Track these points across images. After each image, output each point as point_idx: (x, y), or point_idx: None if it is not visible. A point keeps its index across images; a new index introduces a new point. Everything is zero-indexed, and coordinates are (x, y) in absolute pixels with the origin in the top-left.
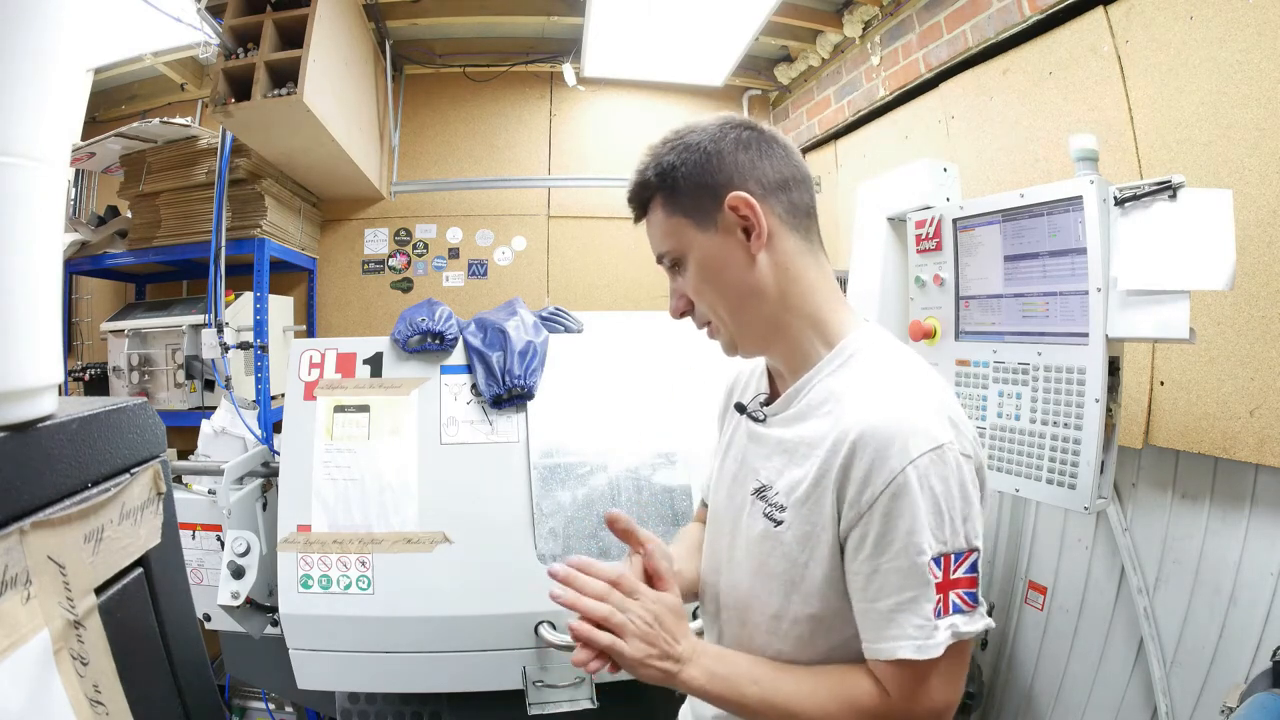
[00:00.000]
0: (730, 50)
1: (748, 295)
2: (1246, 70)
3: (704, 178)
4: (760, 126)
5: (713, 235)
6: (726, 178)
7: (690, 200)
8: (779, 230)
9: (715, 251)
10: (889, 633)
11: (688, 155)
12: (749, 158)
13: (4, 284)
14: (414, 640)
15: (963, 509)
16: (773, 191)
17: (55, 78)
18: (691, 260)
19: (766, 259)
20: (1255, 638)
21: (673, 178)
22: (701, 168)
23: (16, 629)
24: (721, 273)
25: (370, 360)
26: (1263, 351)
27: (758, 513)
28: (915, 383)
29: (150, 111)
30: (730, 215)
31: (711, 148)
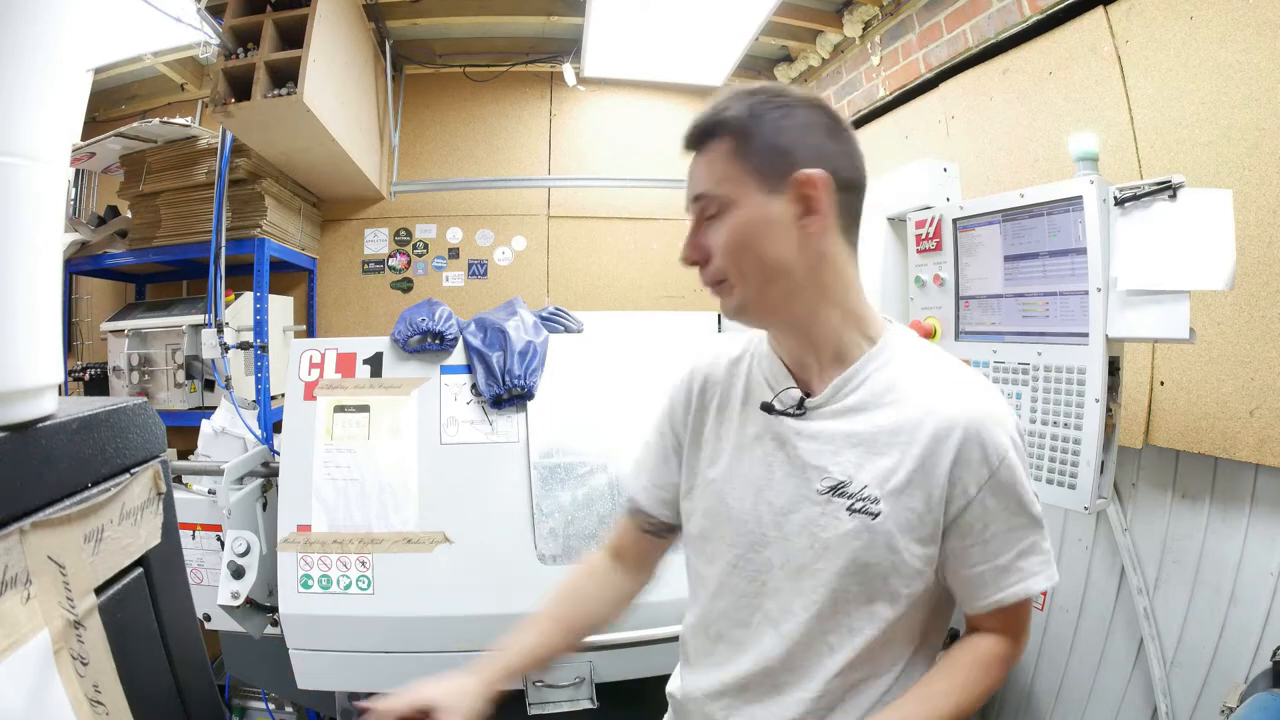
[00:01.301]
0: (730, 50)
1: (783, 271)
2: (1246, 70)
3: (790, 141)
4: (840, 119)
5: (771, 200)
6: (811, 153)
7: (764, 157)
8: (833, 224)
9: (766, 215)
10: (1014, 578)
11: (785, 114)
12: (838, 148)
13: (4, 284)
14: (414, 640)
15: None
16: (842, 188)
17: (55, 78)
18: (737, 215)
19: (812, 244)
20: (1255, 638)
21: (758, 127)
22: (791, 132)
23: (16, 629)
24: (764, 239)
25: (370, 360)
26: (1263, 351)
27: (840, 510)
28: (969, 372)
29: (150, 111)
30: (797, 189)
31: (810, 119)
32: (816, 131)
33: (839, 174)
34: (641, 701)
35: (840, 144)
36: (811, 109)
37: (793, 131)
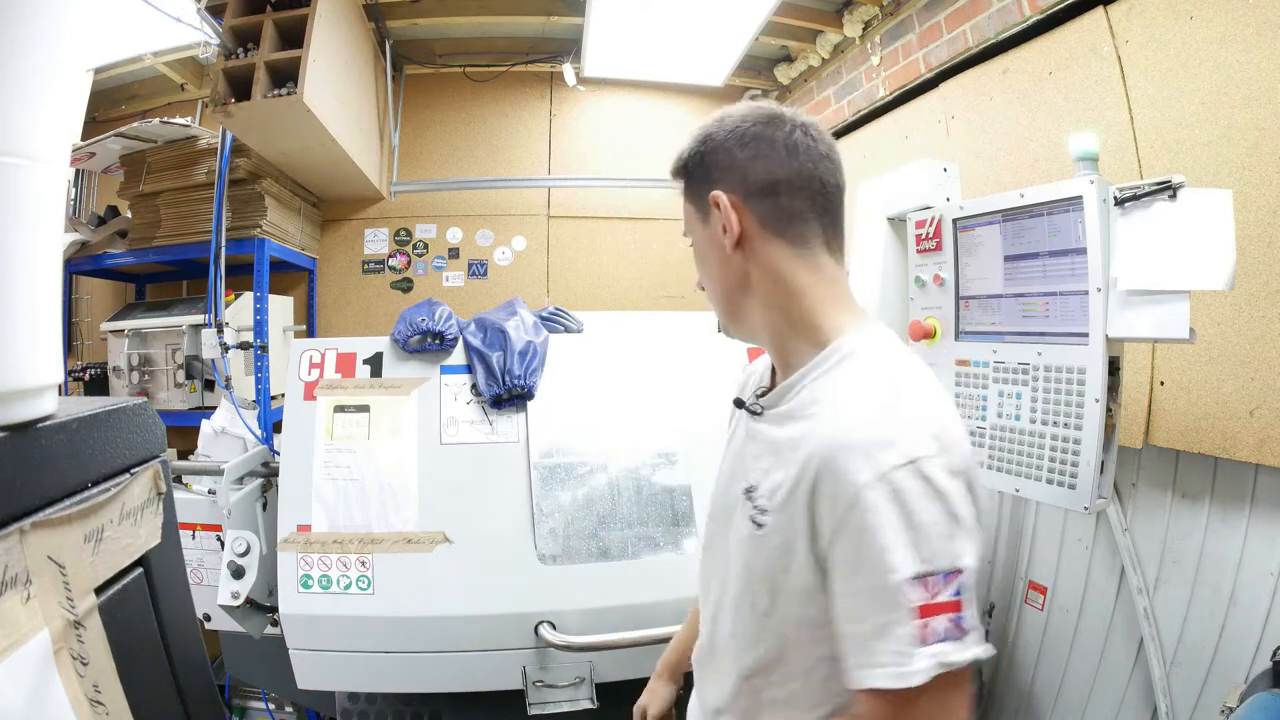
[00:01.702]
0: (730, 50)
1: (732, 287)
2: (1246, 70)
3: (705, 170)
4: (772, 120)
5: (706, 227)
6: (719, 173)
7: (694, 190)
8: (757, 233)
9: (706, 241)
10: (864, 659)
11: (699, 146)
12: (745, 156)
13: (4, 284)
14: (414, 640)
15: (946, 526)
16: (756, 194)
17: (55, 78)
18: (694, 243)
19: (742, 258)
20: (1255, 638)
21: (688, 167)
22: (704, 160)
23: (16, 629)
24: (708, 261)
25: (370, 360)
26: (1263, 351)
27: (744, 513)
28: (903, 391)
29: (150, 111)
30: (714, 210)
31: (716, 141)
32: (724, 149)
33: (750, 181)
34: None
35: (750, 150)
36: (726, 127)
37: (705, 157)
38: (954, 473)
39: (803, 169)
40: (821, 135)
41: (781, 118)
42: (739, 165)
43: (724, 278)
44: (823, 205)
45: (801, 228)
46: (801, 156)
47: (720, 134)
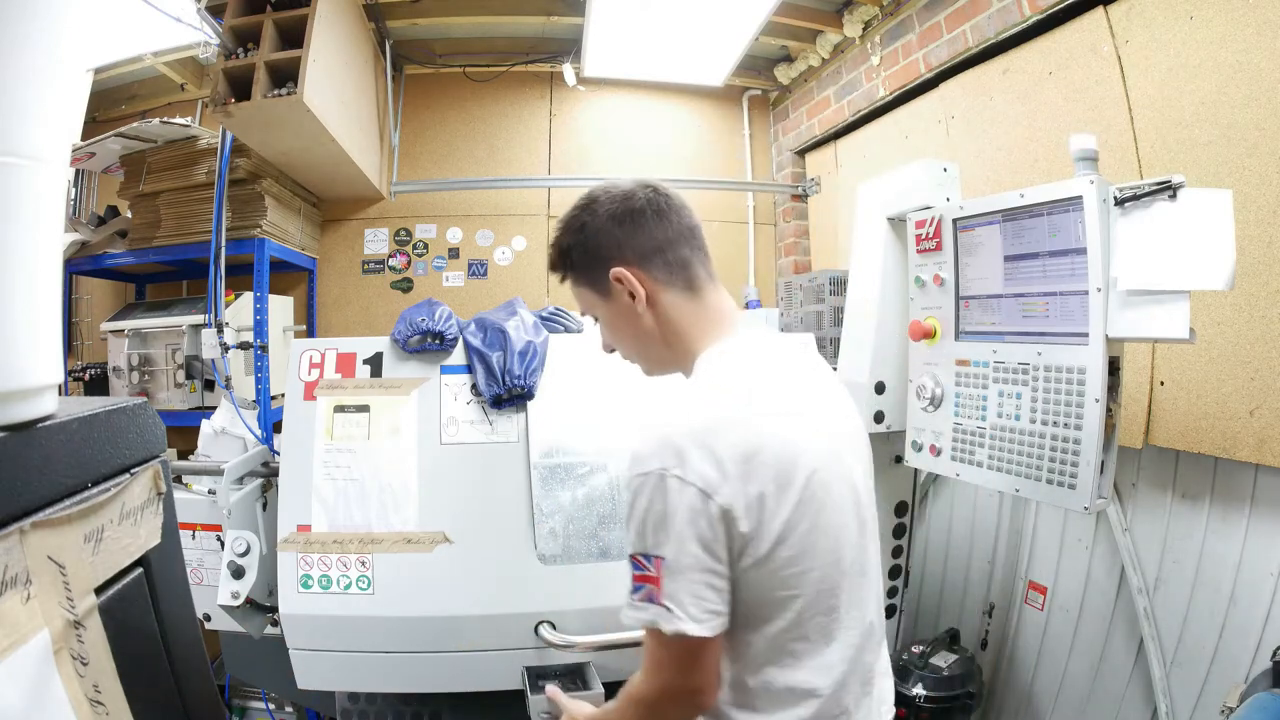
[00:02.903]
0: (730, 50)
1: (645, 340)
2: (1246, 70)
3: (592, 255)
4: (630, 197)
5: (610, 301)
6: (608, 252)
7: (587, 275)
8: (658, 289)
9: (614, 312)
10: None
11: (577, 238)
12: (625, 232)
13: (4, 284)
14: (414, 640)
15: (655, 523)
16: (649, 256)
17: (56, 78)
18: (601, 318)
19: (650, 314)
20: (1255, 638)
21: (570, 259)
22: (587, 247)
23: (16, 629)
24: (621, 328)
25: (370, 360)
26: (1263, 351)
27: None
28: (685, 407)
29: (150, 111)
30: (617, 285)
31: (592, 227)
32: (604, 231)
33: (641, 249)
34: None
35: (627, 225)
36: (595, 213)
37: (588, 245)
38: (684, 482)
39: (673, 224)
40: (668, 192)
41: (634, 193)
42: (625, 241)
43: (639, 335)
44: (696, 246)
45: (688, 274)
46: (668, 216)
47: (595, 223)
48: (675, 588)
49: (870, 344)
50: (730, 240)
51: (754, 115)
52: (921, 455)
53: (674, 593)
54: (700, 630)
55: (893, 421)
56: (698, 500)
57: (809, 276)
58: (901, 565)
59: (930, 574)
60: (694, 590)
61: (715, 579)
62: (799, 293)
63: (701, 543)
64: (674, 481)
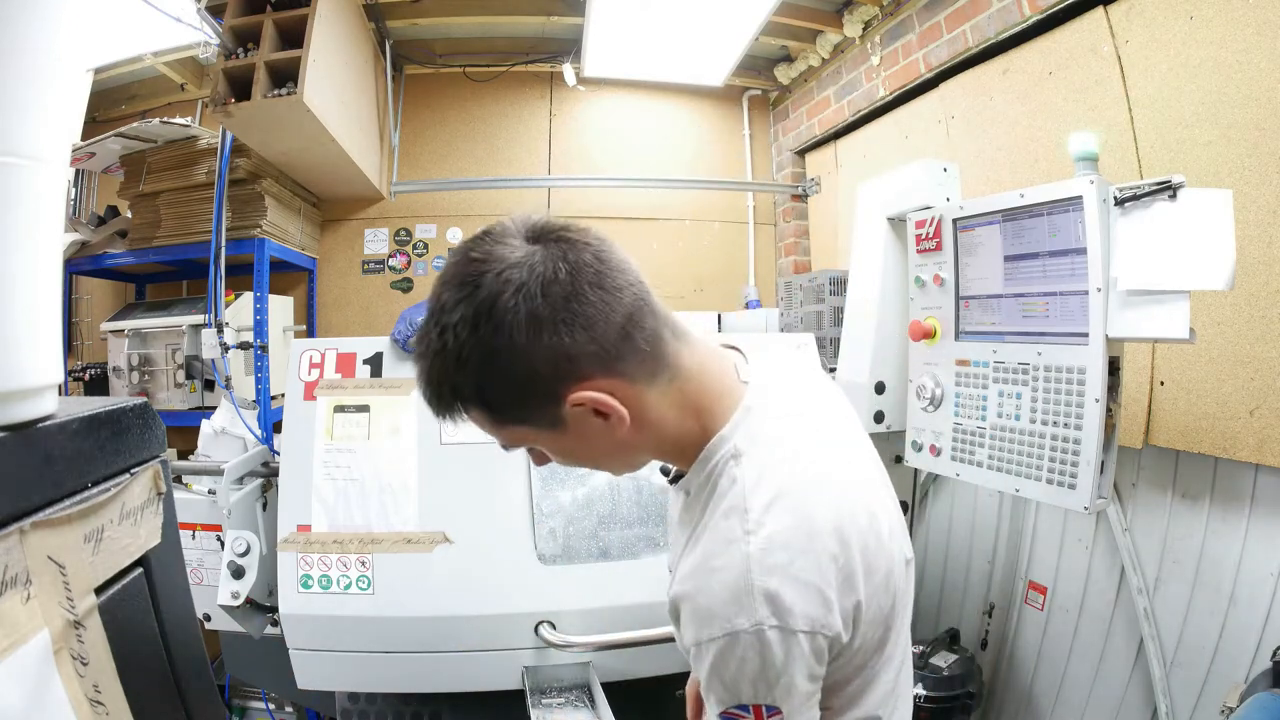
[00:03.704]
0: (730, 50)
1: (617, 452)
2: (1246, 70)
3: (521, 385)
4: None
5: (563, 432)
6: (550, 370)
7: (517, 412)
8: (640, 394)
9: (572, 442)
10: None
11: (485, 369)
12: (568, 329)
13: (4, 284)
14: (414, 640)
15: (756, 677)
16: (616, 353)
17: (56, 78)
18: (545, 446)
19: (621, 429)
20: (1255, 638)
21: (482, 398)
22: (510, 375)
23: (16, 629)
24: (584, 450)
25: (370, 360)
26: (1263, 351)
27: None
28: (749, 535)
29: (150, 111)
30: (576, 410)
31: (509, 346)
32: (535, 345)
33: (604, 348)
34: (642, 702)
35: (570, 318)
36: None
37: (512, 369)
38: (786, 631)
39: (623, 290)
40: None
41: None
42: (572, 347)
43: (612, 452)
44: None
45: (661, 349)
46: (610, 278)
47: (512, 337)
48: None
49: (870, 344)
50: (730, 240)
51: (754, 115)
52: (921, 455)
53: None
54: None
55: (893, 421)
56: (806, 644)
57: (809, 276)
58: None
59: (930, 574)
60: (808, 717)
61: (817, 696)
62: (799, 293)
63: (811, 678)
64: (775, 634)
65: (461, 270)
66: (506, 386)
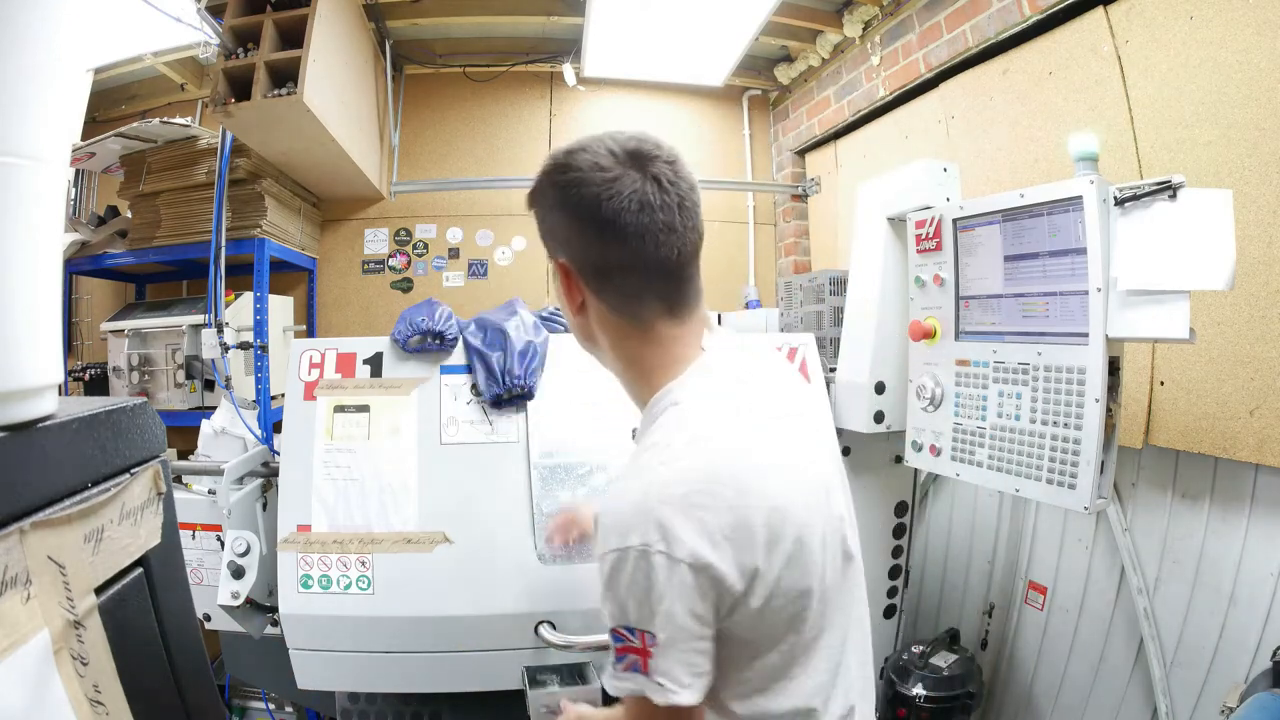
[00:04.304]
0: (730, 50)
1: (580, 335)
2: (1246, 70)
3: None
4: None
5: (558, 274)
6: (560, 239)
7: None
8: (594, 305)
9: (558, 287)
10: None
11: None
12: (581, 235)
13: (4, 284)
14: (414, 640)
15: (640, 599)
16: (591, 273)
17: (56, 78)
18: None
19: (586, 320)
20: (1255, 638)
21: (534, 204)
22: (547, 218)
23: (16, 629)
24: (564, 305)
25: (370, 360)
26: (1263, 351)
27: None
28: (661, 465)
29: (150, 111)
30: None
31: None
32: (566, 216)
33: (585, 261)
34: None
35: (585, 229)
36: (572, 183)
37: (551, 216)
38: (668, 558)
39: (640, 251)
40: (664, 197)
41: (616, 183)
42: (573, 243)
43: (573, 327)
44: (661, 280)
45: (636, 307)
46: (632, 237)
47: (557, 194)
48: (667, 664)
49: (870, 344)
50: (730, 240)
51: (754, 115)
52: (921, 455)
53: (666, 669)
54: (693, 697)
55: (893, 421)
56: (689, 576)
57: (809, 276)
58: (901, 565)
59: (930, 574)
60: (686, 660)
61: (704, 643)
62: (799, 293)
63: (693, 615)
64: (660, 559)
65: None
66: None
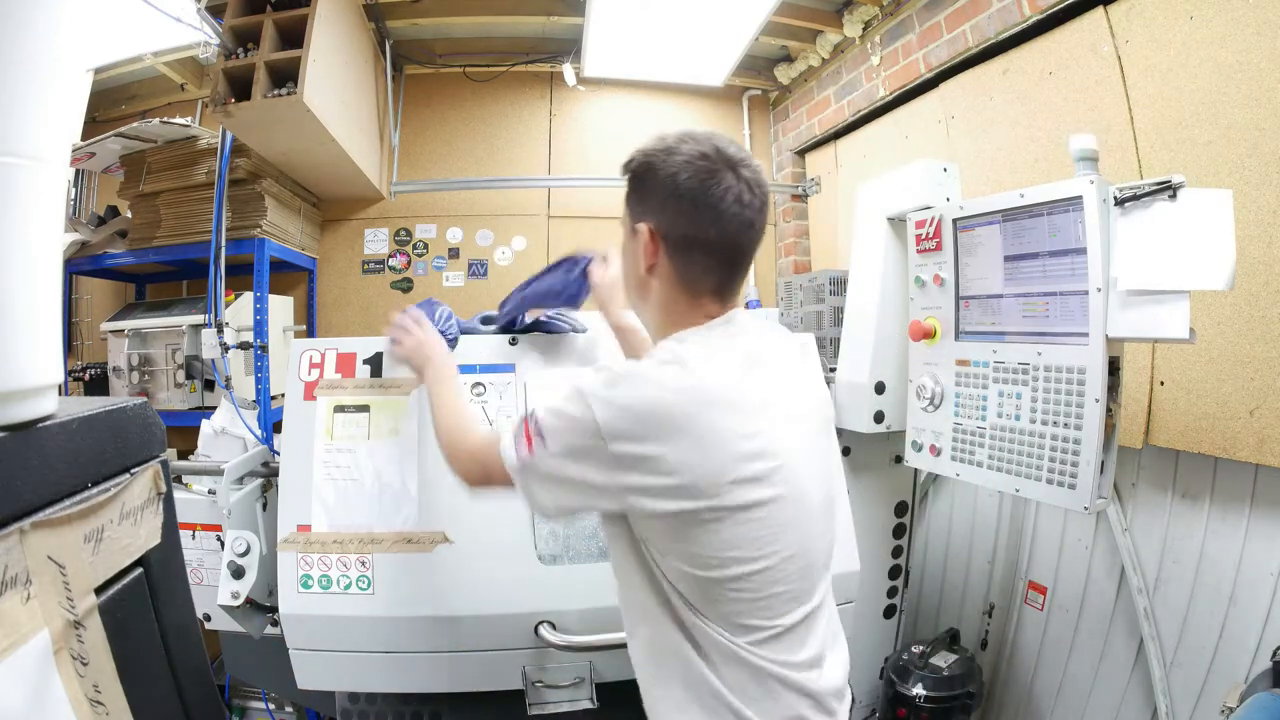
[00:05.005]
0: (730, 50)
1: (636, 290)
2: (1246, 70)
3: (641, 195)
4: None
5: (634, 237)
6: (651, 207)
7: (631, 205)
8: (664, 270)
9: (629, 244)
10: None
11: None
12: (674, 205)
13: (4, 284)
14: (414, 640)
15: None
16: (673, 242)
17: (56, 78)
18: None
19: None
20: (1255, 638)
21: (635, 177)
22: (643, 185)
23: (16, 629)
24: (625, 259)
25: (370, 360)
26: (1263, 351)
27: None
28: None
29: (150, 111)
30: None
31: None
32: (664, 192)
33: (671, 231)
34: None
35: (680, 205)
36: (672, 169)
37: (648, 187)
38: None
39: (722, 233)
40: (753, 196)
41: (719, 174)
42: (667, 214)
43: (633, 282)
44: (727, 265)
45: (699, 283)
46: (725, 222)
47: (665, 171)
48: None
49: (870, 344)
50: None
51: (754, 115)
52: (921, 455)
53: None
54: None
55: (893, 421)
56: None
57: (809, 276)
58: (901, 565)
59: (930, 574)
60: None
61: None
62: (799, 293)
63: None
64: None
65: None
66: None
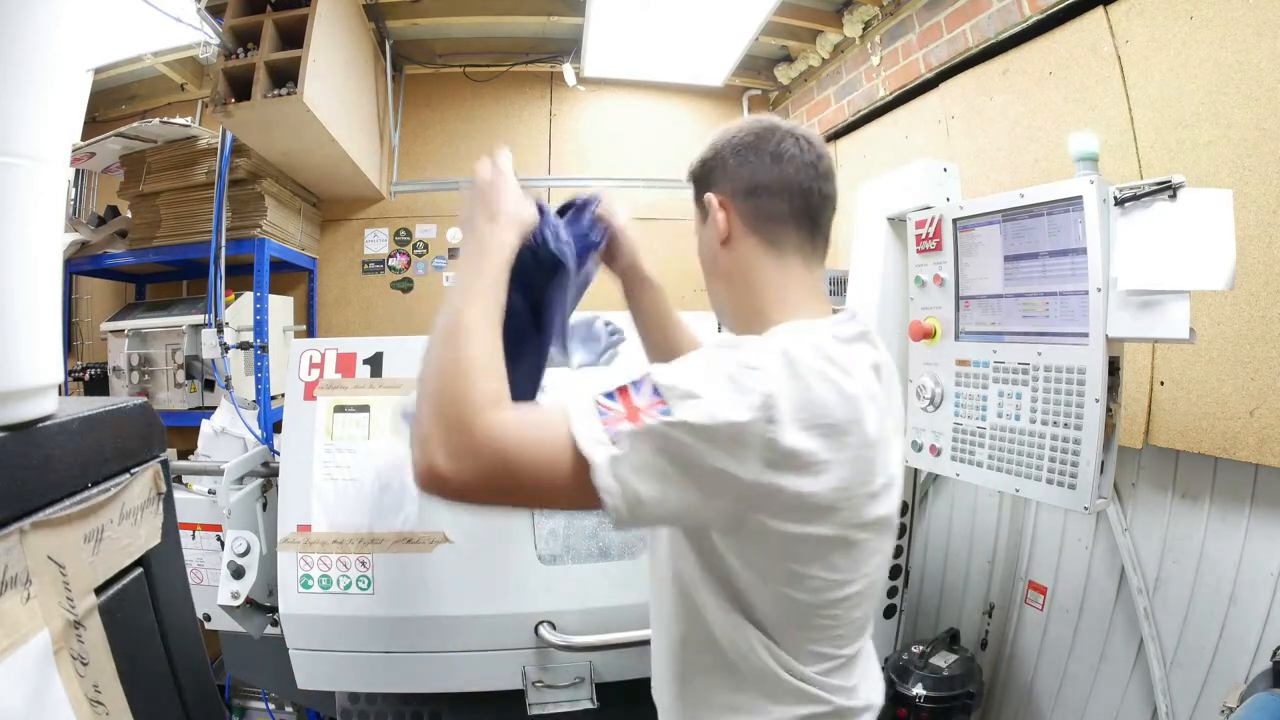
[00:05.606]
0: (730, 50)
1: (713, 275)
2: (1246, 70)
3: (706, 177)
4: (765, 131)
5: (704, 226)
6: (715, 178)
7: (698, 194)
8: (740, 232)
9: (702, 240)
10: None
11: (707, 155)
12: (735, 162)
13: (4, 284)
14: (414, 640)
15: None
16: (740, 195)
17: (55, 78)
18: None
19: (726, 253)
20: (1255, 638)
21: (696, 175)
22: (706, 166)
23: (16, 629)
24: (704, 258)
25: (370, 360)
26: (1263, 351)
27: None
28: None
29: (150, 111)
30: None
31: (717, 150)
32: (723, 156)
33: (735, 184)
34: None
35: (740, 157)
36: (728, 137)
37: (710, 163)
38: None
39: (784, 174)
40: (811, 146)
41: (774, 129)
42: (730, 170)
43: (711, 267)
44: (801, 209)
45: (777, 230)
46: (785, 164)
47: (721, 143)
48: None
49: None
50: None
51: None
52: (921, 455)
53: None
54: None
55: None
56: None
57: None
58: (901, 565)
59: (930, 574)
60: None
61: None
62: None
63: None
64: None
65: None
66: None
